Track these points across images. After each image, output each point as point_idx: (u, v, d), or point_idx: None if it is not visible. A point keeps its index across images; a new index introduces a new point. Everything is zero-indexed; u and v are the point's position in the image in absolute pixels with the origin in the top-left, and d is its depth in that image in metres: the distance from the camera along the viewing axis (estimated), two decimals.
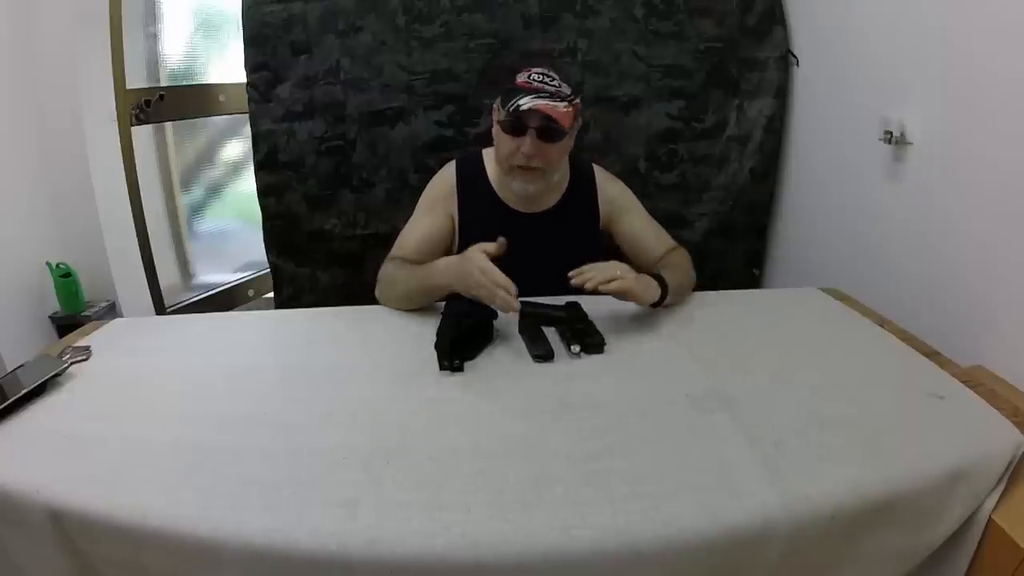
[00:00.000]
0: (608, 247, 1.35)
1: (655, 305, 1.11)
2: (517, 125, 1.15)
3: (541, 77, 1.16)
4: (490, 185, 1.28)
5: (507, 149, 1.18)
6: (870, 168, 1.36)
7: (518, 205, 1.29)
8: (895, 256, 1.30)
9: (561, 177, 1.28)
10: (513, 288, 1.00)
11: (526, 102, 1.12)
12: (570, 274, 1.03)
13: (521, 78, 1.17)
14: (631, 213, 1.33)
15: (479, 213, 1.28)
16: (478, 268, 1.02)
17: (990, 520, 0.76)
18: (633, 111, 1.74)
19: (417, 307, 1.18)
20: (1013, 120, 1.01)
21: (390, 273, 1.21)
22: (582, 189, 1.31)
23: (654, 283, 1.10)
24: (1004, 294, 1.04)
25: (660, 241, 1.31)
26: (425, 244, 1.25)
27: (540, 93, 1.13)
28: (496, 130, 1.22)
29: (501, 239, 1.05)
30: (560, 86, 1.16)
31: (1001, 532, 0.74)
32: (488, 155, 1.31)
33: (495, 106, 1.22)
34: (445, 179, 1.30)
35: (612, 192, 1.33)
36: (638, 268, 1.29)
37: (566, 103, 1.16)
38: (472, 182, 1.28)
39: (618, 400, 0.88)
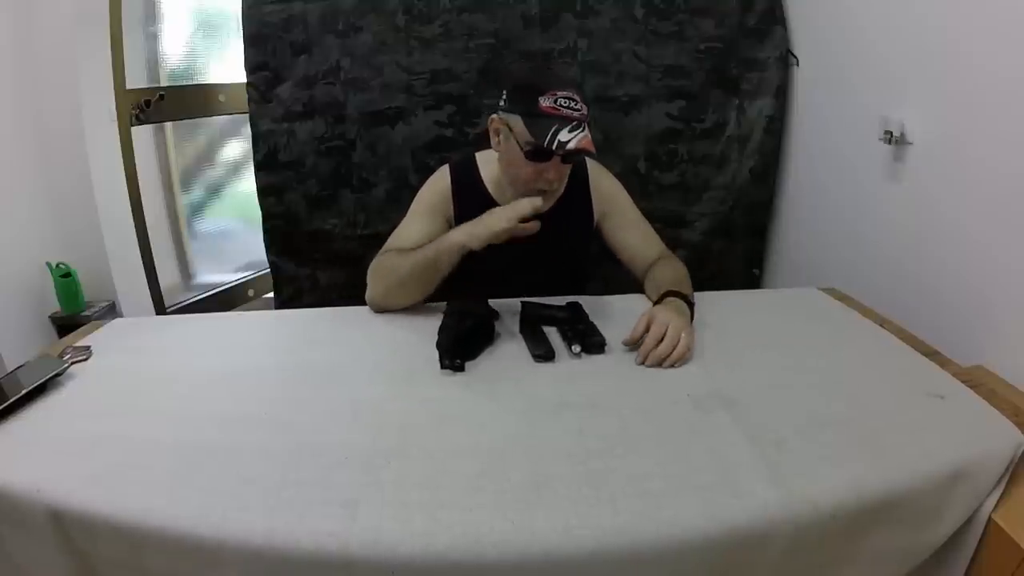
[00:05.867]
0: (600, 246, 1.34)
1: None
2: (546, 153, 1.08)
3: (568, 103, 1.06)
4: (486, 190, 1.27)
5: (527, 174, 1.11)
6: (870, 168, 1.36)
7: None
8: (895, 256, 1.30)
9: None
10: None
11: (567, 139, 1.04)
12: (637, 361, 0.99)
13: (546, 103, 1.05)
14: (622, 209, 1.31)
15: (476, 218, 1.27)
16: (499, 208, 1.09)
17: (990, 520, 0.76)
18: (633, 111, 1.74)
19: (417, 293, 1.14)
20: (1013, 120, 1.01)
21: (392, 260, 1.16)
22: (576, 186, 1.30)
23: (684, 306, 1.06)
24: (1004, 294, 1.04)
25: (648, 243, 1.28)
26: (424, 243, 1.24)
27: (572, 123, 1.05)
28: (510, 150, 1.13)
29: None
30: (582, 107, 1.08)
31: (1001, 532, 0.74)
32: (482, 159, 1.29)
33: (507, 122, 1.12)
34: (441, 185, 1.28)
35: (605, 188, 1.32)
36: (623, 265, 1.29)
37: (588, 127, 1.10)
38: (467, 188, 1.27)
39: (619, 400, 0.87)
